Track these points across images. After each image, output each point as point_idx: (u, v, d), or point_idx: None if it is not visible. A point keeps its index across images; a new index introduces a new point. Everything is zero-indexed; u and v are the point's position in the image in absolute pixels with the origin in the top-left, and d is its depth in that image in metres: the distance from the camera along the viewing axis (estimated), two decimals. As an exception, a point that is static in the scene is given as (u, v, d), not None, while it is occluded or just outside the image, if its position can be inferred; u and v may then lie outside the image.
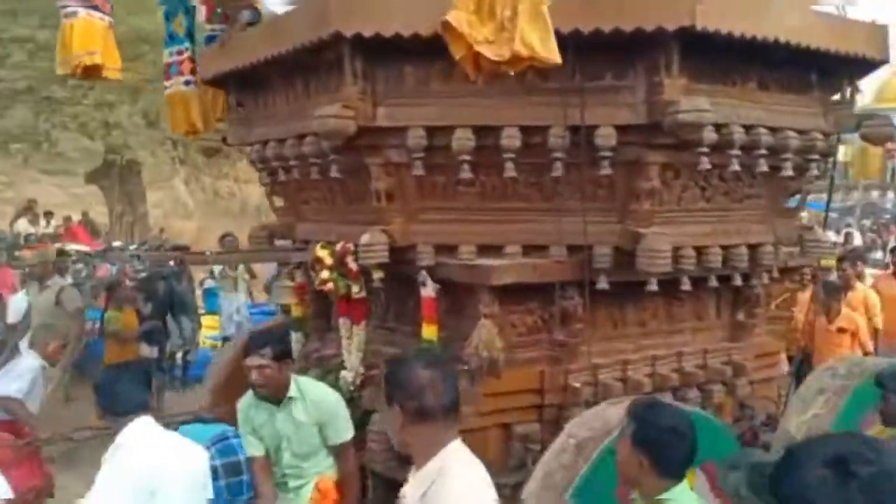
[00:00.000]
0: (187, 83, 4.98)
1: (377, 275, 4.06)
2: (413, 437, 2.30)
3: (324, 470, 3.62)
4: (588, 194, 3.82)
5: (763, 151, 3.83)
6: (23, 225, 13.96)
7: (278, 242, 4.90)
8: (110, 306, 7.90)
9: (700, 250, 3.97)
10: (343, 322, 4.29)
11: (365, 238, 3.77)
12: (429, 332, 3.92)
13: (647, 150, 3.63)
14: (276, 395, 3.51)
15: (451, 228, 3.89)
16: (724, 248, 4.06)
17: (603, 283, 3.83)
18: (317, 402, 3.52)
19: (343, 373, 4.23)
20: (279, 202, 4.94)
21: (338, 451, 3.61)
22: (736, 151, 3.74)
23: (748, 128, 3.77)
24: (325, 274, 3.92)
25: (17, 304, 7.35)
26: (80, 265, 10.64)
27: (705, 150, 3.61)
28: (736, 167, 3.72)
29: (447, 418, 2.30)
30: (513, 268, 3.74)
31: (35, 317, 6.45)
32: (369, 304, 4.26)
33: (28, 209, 14.71)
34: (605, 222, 3.82)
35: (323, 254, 3.94)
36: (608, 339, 4.22)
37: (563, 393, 3.98)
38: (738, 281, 4.32)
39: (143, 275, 9.55)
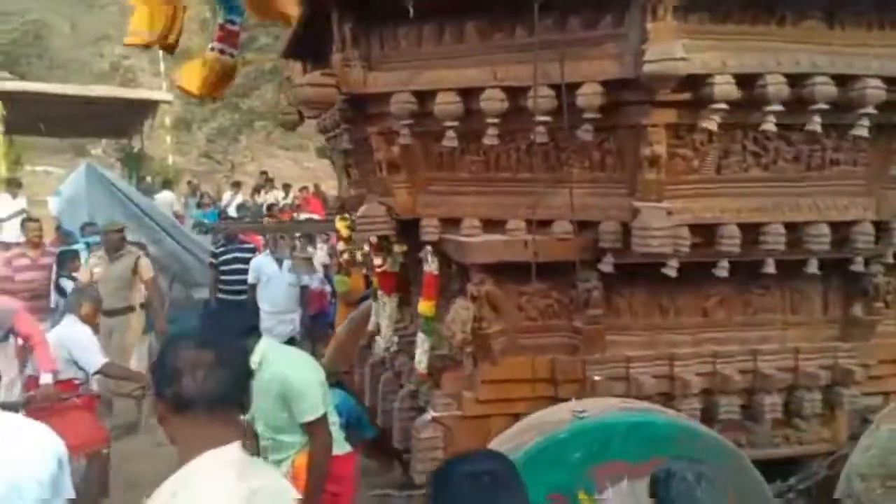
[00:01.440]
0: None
1: (398, 248, 3.93)
2: (175, 431, 1.92)
3: (306, 445, 3.59)
4: (595, 163, 3.33)
5: (822, 106, 3.04)
6: (271, 195, 15.47)
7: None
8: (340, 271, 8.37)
9: (752, 228, 3.29)
10: (380, 294, 4.23)
11: (362, 209, 3.64)
12: (425, 308, 3.71)
13: (648, 108, 3.05)
14: None
15: (456, 201, 3.62)
16: (791, 225, 3.32)
17: (608, 265, 3.33)
18: (278, 376, 3.47)
19: (377, 339, 4.18)
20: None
21: (306, 430, 3.55)
22: (775, 107, 3.01)
23: (796, 77, 3.01)
24: (341, 245, 3.86)
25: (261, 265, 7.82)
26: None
27: (721, 107, 2.96)
28: (809, 127, 3.05)
29: (214, 412, 1.90)
30: (498, 245, 3.38)
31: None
32: (399, 276, 4.13)
33: (268, 181, 16.25)
34: (613, 195, 3.30)
35: (341, 226, 3.88)
36: (651, 328, 3.67)
37: (581, 386, 3.53)
38: (853, 266, 3.52)
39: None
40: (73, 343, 5.23)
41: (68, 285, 7.25)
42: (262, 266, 7.47)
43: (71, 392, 5.18)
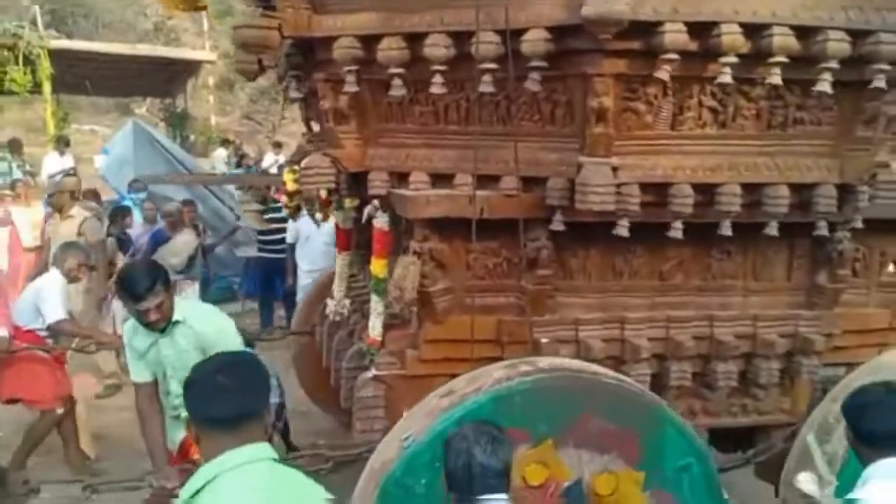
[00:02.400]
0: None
1: (349, 203, 3.81)
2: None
3: None
4: (545, 116, 3.17)
5: (782, 59, 2.87)
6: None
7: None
8: None
9: (707, 189, 3.14)
10: (337, 251, 4.11)
11: (306, 160, 3.51)
12: (377, 267, 3.59)
13: (597, 58, 2.89)
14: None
15: (405, 154, 3.47)
16: (749, 187, 3.17)
17: (557, 224, 3.19)
18: (200, 329, 3.37)
19: (327, 300, 4.07)
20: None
21: None
22: (731, 59, 2.84)
23: (754, 27, 2.84)
24: (284, 199, 3.73)
25: None
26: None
27: (672, 57, 2.80)
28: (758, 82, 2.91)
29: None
30: (441, 200, 3.24)
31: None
32: (353, 234, 4.01)
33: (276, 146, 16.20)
34: (563, 150, 3.15)
35: (288, 178, 3.75)
36: (604, 291, 3.54)
37: (528, 348, 3.41)
38: (816, 231, 3.38)
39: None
40: (42, 294, 5.15)
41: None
42: (301, 226, 7.46)
43: (32, 344, 5.11)
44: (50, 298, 5.09)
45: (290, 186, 3.68)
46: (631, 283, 3.57)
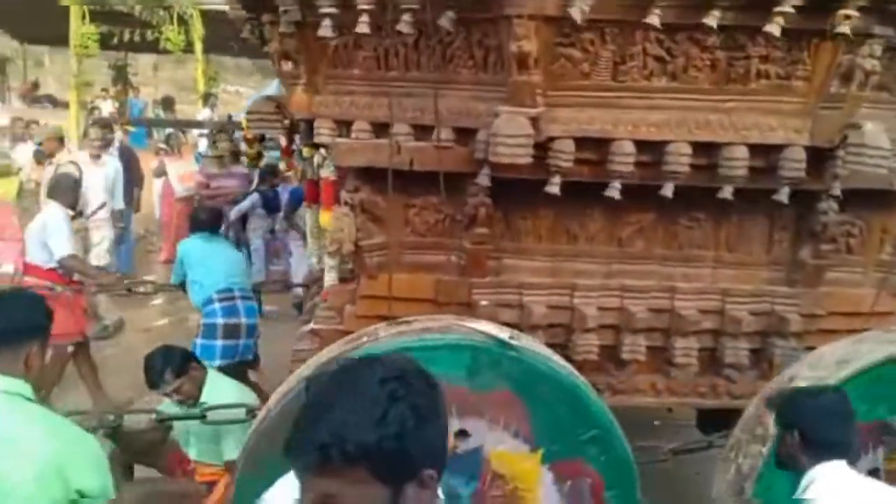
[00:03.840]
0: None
1: (306, 152, 3.72)
2: None
3: None
4: (479, 63, 2.97)
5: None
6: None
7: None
8: None
9: (652, 147, 2.88)
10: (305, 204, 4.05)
11: (250, 105, 3.43)
12: (325, 219, 3.49)
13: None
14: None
15: (349, 101, 3.34)
16: (703, 147, 2.88)
17: (484, 178, 2.99)
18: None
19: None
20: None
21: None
22: None
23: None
24: (243, 146, 3.68)
25: None
26: None
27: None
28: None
29: None
30: (367, 149, 3.09)
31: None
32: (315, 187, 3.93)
33: None
34: (493, 99, 2.93)
35: (246, 123, 3.69)
36: (555, 255, 3.32)
37: (467, 309, 3.25)
38: (775, 196, 3.03)
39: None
40: (48, 229, 5.30)
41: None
42: None
43: (48, 281, 5.29)
44: (56, 234, 5.24)
45: (249, 134, 3.62)
46: (587, 248, 3.33)
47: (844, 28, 2.57)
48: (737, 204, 3.12)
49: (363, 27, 2.95)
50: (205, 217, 5.28)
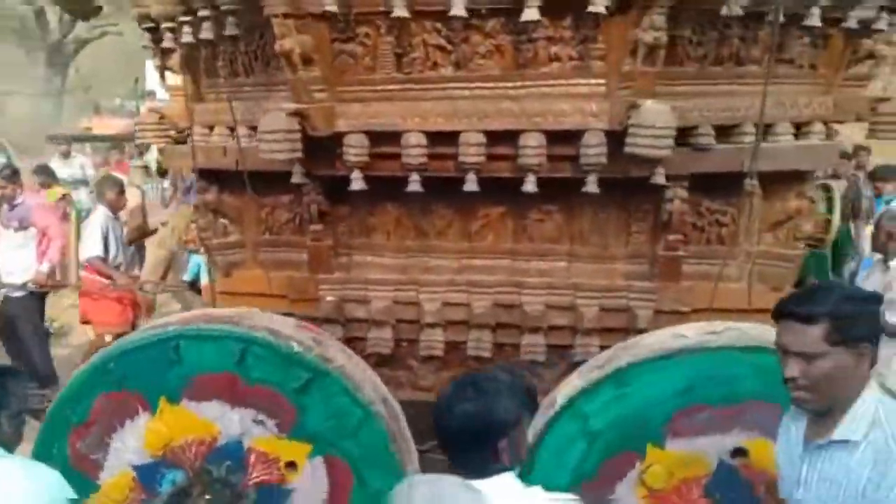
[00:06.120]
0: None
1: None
2: None
3: None
4: (272, 63, 3.05)
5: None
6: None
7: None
8: None
9: (447, 138, 2.84)
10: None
11: (138, 116, 3.70)
12: (202, 219, 3.68)
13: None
14: None
15: (215, 108, 3.50)
16: (499, 136, 2.81)
17: (297, 177, 3.07)
18: None
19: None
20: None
21: None
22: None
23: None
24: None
25: None
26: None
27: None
28: None
29: None
30: (199, 151, 3.27)
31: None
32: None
33: None
34: (283, 99, 3.00)
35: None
36: (404, 251, 3.32)
37: (316, 305, 3.33)
38: (585, 188, 2.88)
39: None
40: (86, 231, 5.93)
41: None
42: None
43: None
44: (87, 235, 5.85)
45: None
46: (437, 243, 3.30)
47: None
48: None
49: (187, 37, 3.13)
50: None
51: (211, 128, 3.52)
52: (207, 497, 2.62)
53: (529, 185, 2.83)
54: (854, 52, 3.19)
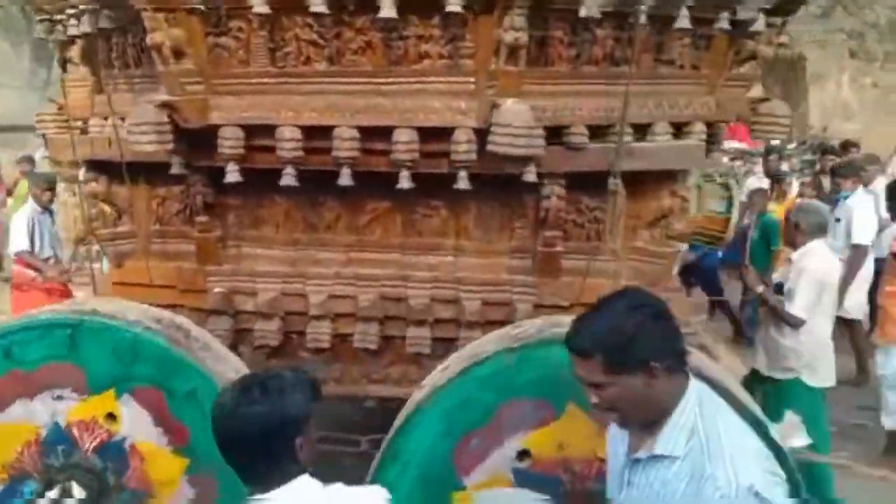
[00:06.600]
0: None
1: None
2: None
3: None
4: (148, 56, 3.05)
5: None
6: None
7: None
8: None
9: (322, 133, 2.86)
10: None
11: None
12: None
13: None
14: None
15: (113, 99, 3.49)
16: (373, 132, 2.83)
17: (177, 167, 3.08)
18: None
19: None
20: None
21: None
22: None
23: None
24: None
25: None
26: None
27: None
28: None
29: None
30: (81, 142, 3.26)
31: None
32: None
33: None
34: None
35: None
36: (293, 243, 3.34)
37: (204, 296, 3.34)
38: (457, 185, 2.92)
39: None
40: (13, 224, 5.92)
41: None
42: None
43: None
44: (15, 231, 5.84)
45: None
46: (325, 236, 3.33)
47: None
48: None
49: (73, 29, 3.13)
50: None
51: (106, 118, 3.52)
52: (71, 484, 2.63)
53: (404, 181, 2.86)
54: (737, 53, 3.24)
